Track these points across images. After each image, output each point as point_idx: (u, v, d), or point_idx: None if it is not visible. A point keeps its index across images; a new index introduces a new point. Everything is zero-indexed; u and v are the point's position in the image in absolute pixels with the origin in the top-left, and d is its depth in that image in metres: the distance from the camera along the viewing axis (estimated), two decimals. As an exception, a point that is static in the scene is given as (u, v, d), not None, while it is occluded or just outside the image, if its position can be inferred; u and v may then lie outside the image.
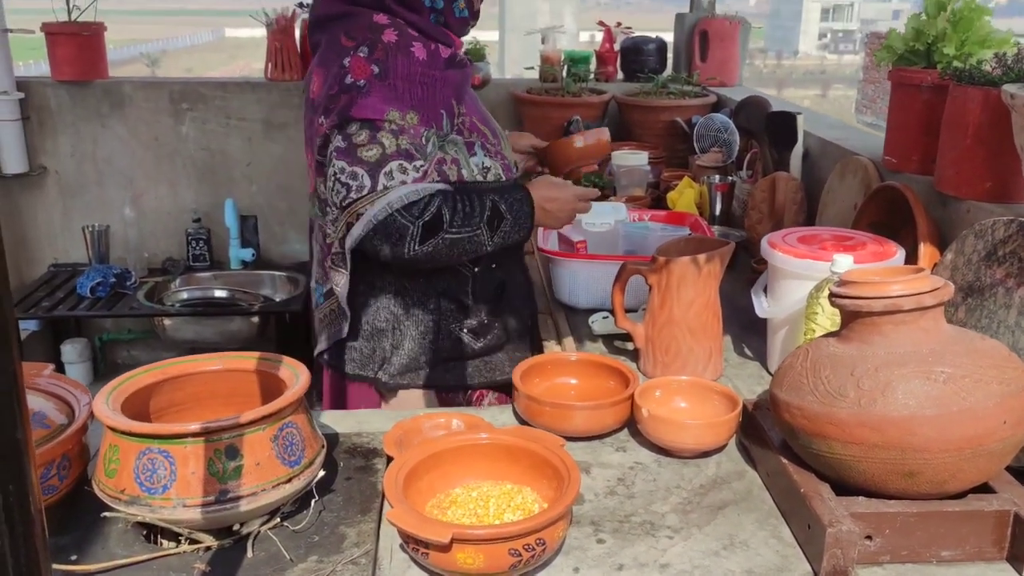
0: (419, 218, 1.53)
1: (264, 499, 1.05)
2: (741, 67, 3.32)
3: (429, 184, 1.55)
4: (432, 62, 1.58)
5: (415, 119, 1.55)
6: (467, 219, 1.57)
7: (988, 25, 1.68)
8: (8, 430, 0.56)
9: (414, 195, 1.53)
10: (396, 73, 1.54)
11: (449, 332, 1.70)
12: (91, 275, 3.18)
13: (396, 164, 1.53)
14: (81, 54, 3.28)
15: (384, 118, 1.52)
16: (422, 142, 1.56)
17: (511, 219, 1.62)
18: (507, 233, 1.62)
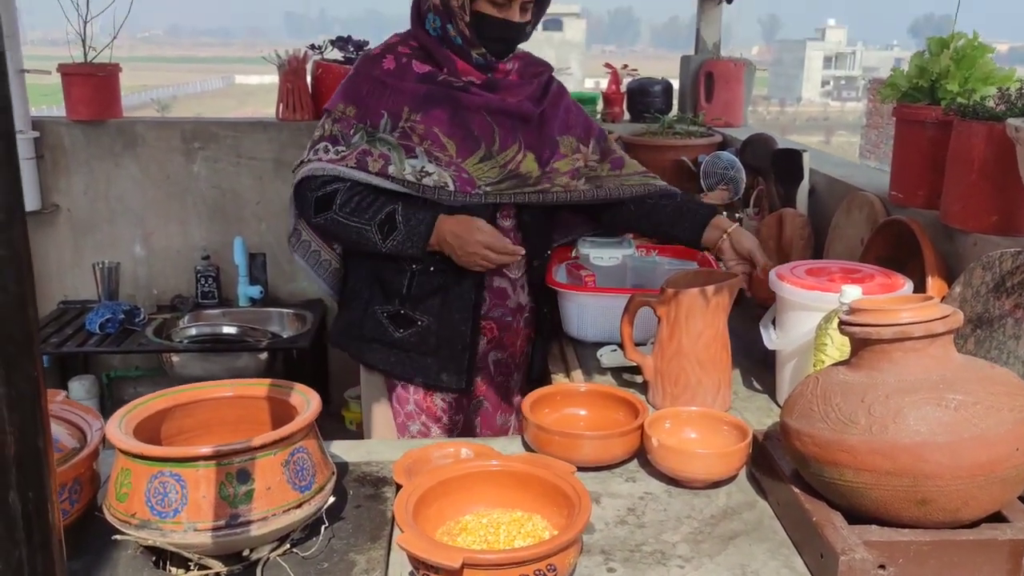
0: (314, 191, 1.80)
1: (275, 524, 1.05)
2: (746, 108, 3.36)
3: (343, 168, 1.77)
4: (397, 73, 1.82)
5: (352, 112, 1.81)
6: (357, 212, 1.78)
7: (990, 63, 1.71)
8: (30, 437, 0.57)
9: (319, 171, 1.79)
10: (359, 75, 1.84)
11: (373, 312, 1.90)
12: (100, 312, 3.20)
13: (323, 144, 1.81)
14: (96, 94, 3.33)
15: (333, 108, 1.83)
16: (350, 132, 1.80)
17: (404, 232, 1.78)
18: (399, 243, 1.79)
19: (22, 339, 0.56)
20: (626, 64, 3.49)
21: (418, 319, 1.88)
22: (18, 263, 0.55)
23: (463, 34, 1.79)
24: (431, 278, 1.85)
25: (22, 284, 0.55)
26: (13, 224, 0.54)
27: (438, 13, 1.80)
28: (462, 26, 1.77)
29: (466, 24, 1.77)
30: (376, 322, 1.90)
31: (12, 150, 0.54)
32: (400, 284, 1.87)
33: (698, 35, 3.49)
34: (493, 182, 1.82)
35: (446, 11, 1.78)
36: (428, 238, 1.78)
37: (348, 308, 1.96)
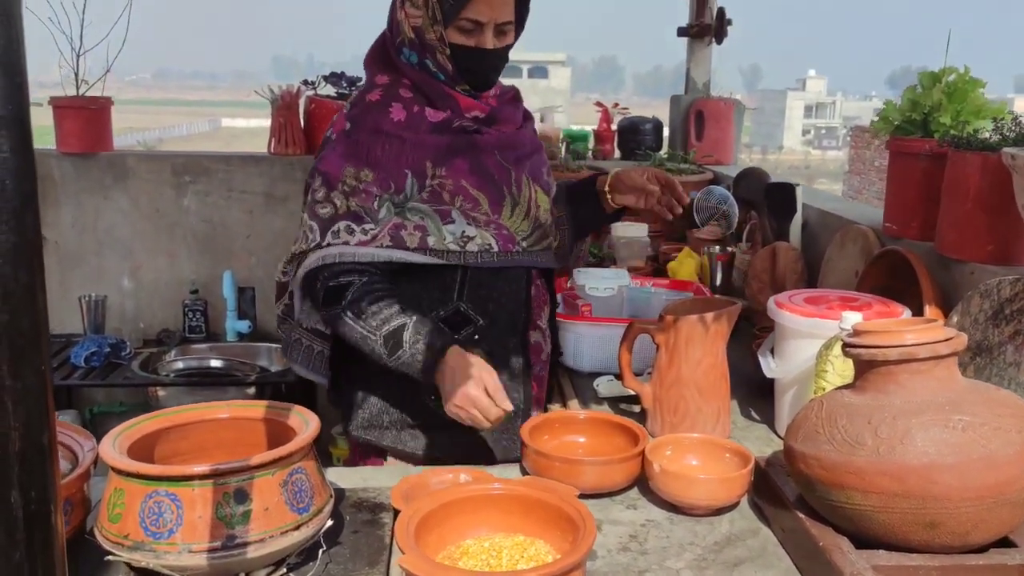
0: (328, 280, 1.52)
1: (272, 546, 1.02)
2: (736, 147, 3.40)
3: (371, 250, 1.52)
4: (410, 124, 1.56)
5: (369, 176, 1.53)
6: (365, 317, 1.50)
7: (981, 97, 1.73)
8: (35, 433, 0.55)
9: (338, 257, 1.52)
10: (363, 128, 1.56)
11: (415, 396, 1.59)
12: (85, 345, 3.15)
13: (344, 224, 1.53)
14: (87, 127, 3.33)
15: (340, 175, 1.54)
16: (373, 206, 1.53)
17: (408, 354, 1.48)
18: (404, 364, 1.49)
19: (31, 331, 0.54)
20: (617, 103, 3.53)
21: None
22: (30, 252, 0.53)
23: (444, 69, 1.57)
24: (476, 347, 1.54)
25: (33, 274, 0.54)
26: (26, 211, 0.53)
27: (413, 48, 1.58)
28: (443, 60, 1.56)
29: (447, 57, 1.56)
30: (420, 406, 1.59)
31: (27, 136, 0.53)
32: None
33: (688, 75, 3.53)
34: (527, 236, 1.64)
35: (421, 45, 1.56)
36: (433, 372, 1.47)
37: (376, 395, 1.66)
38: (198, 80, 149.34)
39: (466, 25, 1.54)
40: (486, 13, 1.52)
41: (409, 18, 1.56)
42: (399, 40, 1.59)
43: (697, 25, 3.43)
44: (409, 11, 1.56)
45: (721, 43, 3.40)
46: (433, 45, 1.56)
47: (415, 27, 1.56)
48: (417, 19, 1.55)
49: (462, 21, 1.53)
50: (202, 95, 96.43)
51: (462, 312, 1.61)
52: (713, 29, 3.36)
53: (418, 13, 1.55)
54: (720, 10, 3.34)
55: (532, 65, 44.34)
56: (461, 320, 1.61)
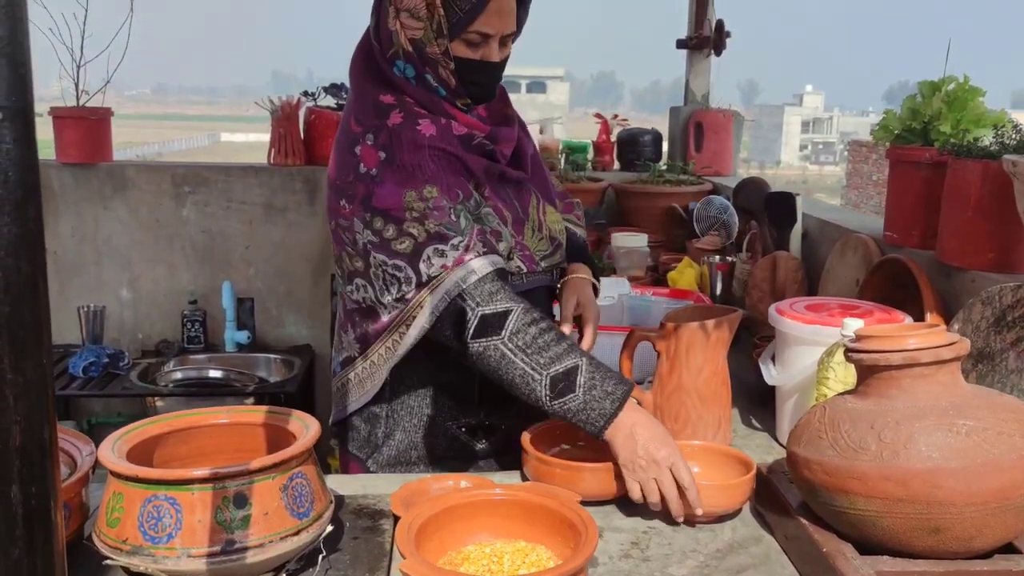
0: (480, 306, 1.39)
1: (272, 551, 1.02)
2: (735, 158, 3.40)
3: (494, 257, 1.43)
4: (443, 137, 1.47)
5: (434, 192, 1.42)
6: (531, 349, 1.36)
7: (981, 105, 1.74)
8: (36, 428, 0.54)
9: (474, 275, 1.40)
10: (402, 153, 1.44)
11: (445, 429, 1.56)
12: (84, 355, 3.15)
13: (431, 249, 1.41)
14: (87, 137, 3.33)
15: (403, 204, 1.41)
16: (452, 218, 1.42)
17: (580, 399, 1.33)
18: (570, 410, 1.34)
19: (32, 324, 0.54)
20: (616, 114, 3.54)
21: (501, 424, 1.58)
22: (32, 243, 0.53)
23: (446, 83, 1.49)
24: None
25: (35, 265, 0.53)
26: (29, 202, 0.52)
27: (410, 61, 1.48)
28: (445, 74, 1.48)
29: (450, 72, 1.48)
30: (451, 439, 1.56)
31: (30, 128, 0.52)
32: (470, 390, 1.56)
33: (687, 86, 3.55)
34: (545, 255, 1.59)
35: (421, 59, 1.47)
36: (611, 420, 1.32)
37: (402, 430, 1.57)
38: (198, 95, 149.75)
39: (474, 38, 1.46)
40: (495, 26, 1.46)
41: (405, 30, 1.46)
42: (391, 52, 1.49)
43: (696, 37, 3.45)
44: (406, 22, 1.45)
45: (720, 55, 3.42)
46: (435, 59, 1.47)
47: (413, 39, 1.46)
48: (416, 31, 1.45)
49: (470, 34, 1.46)
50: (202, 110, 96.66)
51: None
52: (712, 41, 3.38)
53: (417, 25, 1.45)
54: (719, 22, 3.36)
55: (530, 80, 44.55)
56: None
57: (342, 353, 1.63)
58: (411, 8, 1.44)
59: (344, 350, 1.61)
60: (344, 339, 1.61)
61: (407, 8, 1.44)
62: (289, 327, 3.55)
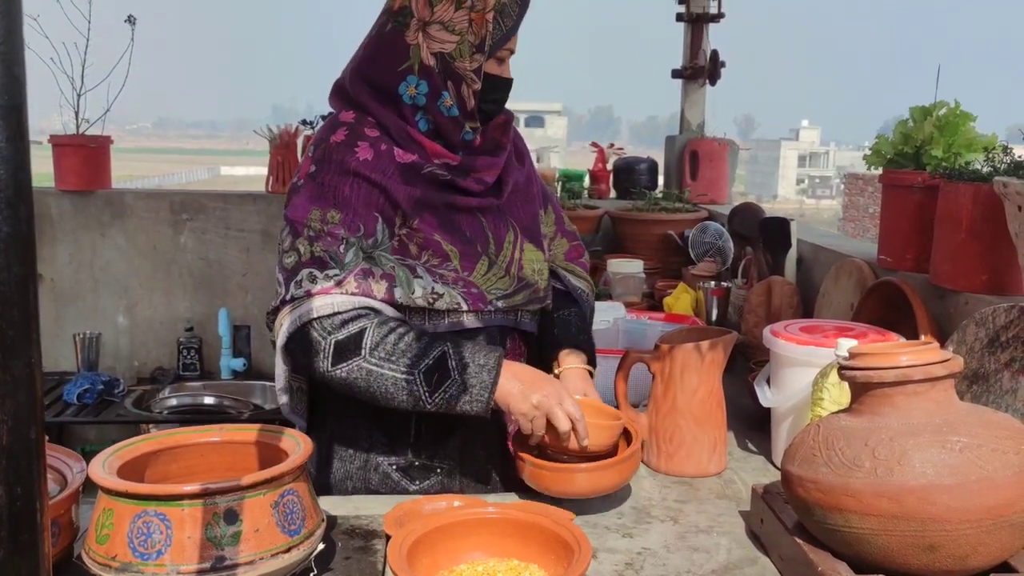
0: (332, 334, 1.34)
1: (262, 568, 1.01)
2: (730, 186, 3.42)
3: (361, 299, 1.36)
4: (378, 164, 1.40)
5: (336, 218, 1.38)
6: (394, 356, 1.33)
7: (972, 130, 1.75)
8: (23, 427, 0.54)
9: (330, 308, 1.35)
10: (328, 169, 1.41)
11: (377, 464, 1.49)
12: (79, 382, 3.14)
13: (306, 272, 1.37)
14: (86, 165, 3.36)
15: (306, 220, 1.38)
16: (339, 250, 1.37)
17: (459, 383, 1.33)
18: (452, 398, 1.33)
19: (22, 323, 0.54)
20: (612, 143, 3.56)
21: (437, 467, 1.50)
22: (24, 242, 0.53)
23: (464, 102, 1.44)
24: (445, 418, 1.40)
25: (26, 265, 0.54)
26: (20, 201, 0.53)
27: (426, 76, 1.41)
28: (467, 92, 1.43)
29: (473, 91, 1.43)
30: (383, 475, 1.49)
31: (23, 126, 0.53)
32: (406, 429, 1.48)
33: (683, 116, 3.58)
34: (504, 294, 1.49)
35: (445, 74, 1.41)
36: (494, 387, 1.33)
37: (339, 458, 1.52)
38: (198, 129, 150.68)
39: (504, 55, 1.46)
40: (515, 42, 1.47)
41: (432, 42, 1.40)
42: (405, 67, 1.42)
43: (691, 67, 3.48)
44: (434, 34, 1.40)
45: (715, 84, 3.45)
46: (462, 75, 1.41)
47: (439, 53, 1.41)
48: (448, 44, 1.40)
49: (504, 51, 1.45)
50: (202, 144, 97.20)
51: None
52: (707, 71, 3.41)
53: (451, 39, 1.40)
54: (713, 52, 3.40)
55: (529, 114, 44.89)
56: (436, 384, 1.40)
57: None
58: (445, 21, 1.40)
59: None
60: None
61: (440, 21, 1.40)
62: (285, 355, 3.54)
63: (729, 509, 1.41)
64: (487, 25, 1.40)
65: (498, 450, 1.54)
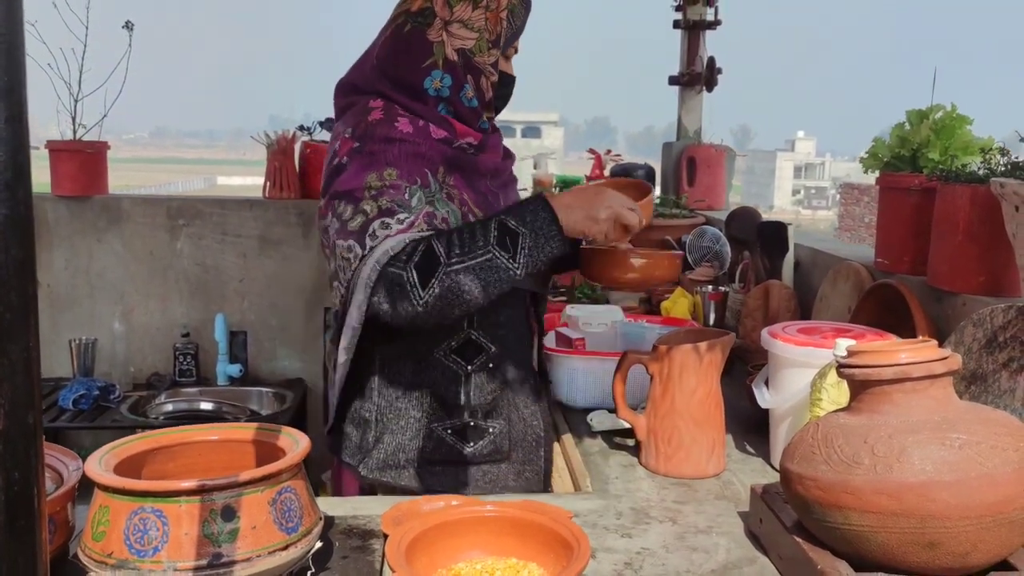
0: (408, 262, 1.40)
1: (259, 566, 1.00)
2: (727, 192, 3.43)
3: (414, 233, 1.43)
4: (418, 135, 1.51)
5: (393, 174, 1.46)
6: (469, 246, 1.40)
7: (969, 133, 1.76)
8: (21, 412, 0.54)
9: (397, 246, 1.41)
10: (373, 141, 1.49)
11: (431, 431, 1.57)
12: (74, 387, 3.12)
13: (378, 223, 1.44)
14: (83, 170, 3.35)
15: (363, 184, 1.46)
16: (405, 197, 1.46)
17: (528, 232, 1.42)
18: (532, 249, 1.42)
19: (20, 307, 0.54)
20: (609, 149, 3.57)
21: (489, 427, 1.59)
22: (23, 226, 0.53)
23: (482, 94, 1.58)
24: (489, 378, 1.56)
25: (25, 249, 0.53)
26: (19, 184, 0.53)
27: (450, 70, 1.54)
28: (486, 84, 1.57)
29: (491, 84, 1.58)
30: (438, 441, 1.56)
31: (22, 108, 0.53)
32: (456, 392, 1.56)
33: (679, 122, 3.59)
34: None
35: (466, 68, 1.54)
36: (556, 221, 1.43)
37: (390, 432, 1.57)
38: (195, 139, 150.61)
39: (511, 53, 1.62)
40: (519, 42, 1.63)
41: (454, 39, 1.53)
42: (428, 63, 1.53)
43: (688, 74, 3.49)
44: (456, 32, 1.53)
45: (711, 91, 3.46)
46: (481, 68, 1.56)
47: (462, 49, 1.54)
48: (468, 41, 1.54)
49: (511, 49, 1.61)
50: (199, 153, 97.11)
51: (474, 340, 1.56)
52: (704, 78, 3.42)
53: (471, 35, 1.54)
54: (710, 59, 3.41)
55: (525, 125, 44.96)
56: (473, 349, 1.56)
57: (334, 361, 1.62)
58: (465, 20, 1.54)
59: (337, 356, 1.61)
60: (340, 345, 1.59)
61: (460, 19, 1.54)
62: (282, 360, 3.54)
63: (728, 510, 1.41)
64: (501, 23, 1.56)
65: (538, 407, 1.66)
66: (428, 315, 1.42)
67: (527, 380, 1.66)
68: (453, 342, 1.55)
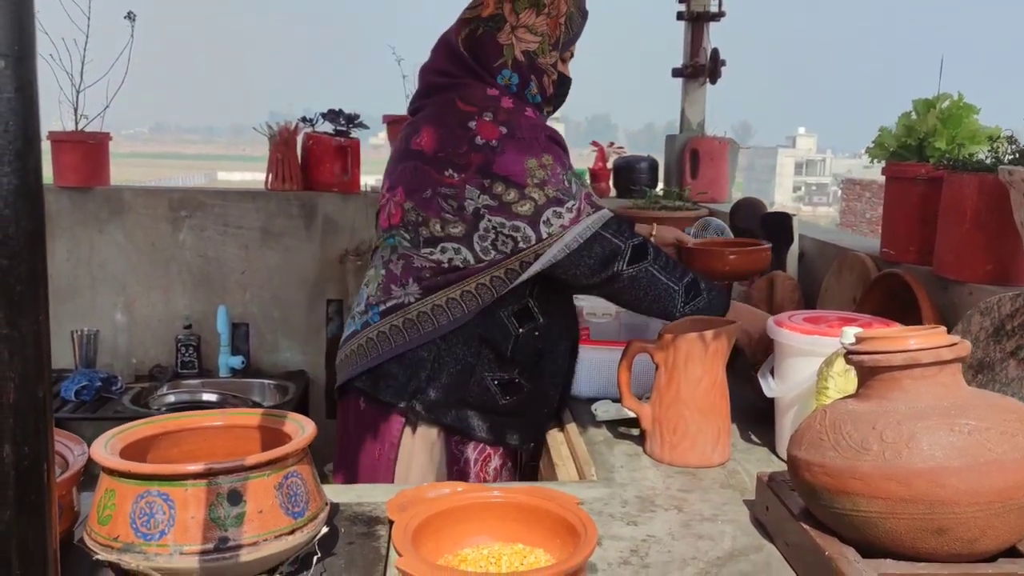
0: (630, 239, 1.66)
1: (266, 550, 1.00)
2: (731, 184, 3.42)
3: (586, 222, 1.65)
4: (540, 122, 1.72)
5: (549, 160, 1.64)
6: (669, 268, 1.68)
7: (976, 122, 1.75)
8: (31, 385, 0.54)
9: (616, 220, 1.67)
10: (521, 128, 1.66)
11: (481, 379, 1.73)
12: (76, 379, 3.12)
13: (551, 211, 1.63)
14: (85, 161, 3.34)
15: (526, 171, 1.63)
16: (565, 184, 1.65)
17: (707, 300, 1.69)
18: (698, 309, 1.68)
19: (30, 279, 0.53)
20: (612, 142, 3.56)
21: (524, 386, 1.77)
22: (33, 197, 0.53)
23: (545, 91, 1.76)
24: (533, 341, 1.75)
25: (35, 220, 0.53)
26: (30, 154, 0.52)
27: (518, 69, 1.72)
28: (547, 83, 1.75)
29: (552, 81, 1.76)
30: (483, 389, 1.74)
31: (32, 77, 0.52)
32: (506, 348, 1.74)
33: (683, 115, 3.58)
34: None
35: (531, 68, 1.73)
36: (726, 308, 1.72)
37: (446, 374, 1.72)
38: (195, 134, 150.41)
39: (567, 56, 1.77)
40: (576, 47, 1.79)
41: (520, 42, 1.71)
42: (499, 63, 1.71)
43: (691, 66, 3.48)
44: (522, 36, 1.71)
45: (715, 83, 3.45)
46: (543, 68, 1.73)
47: (527, 51, 1.71)
48: (533, 44, 1.71)
49: (567, 53, 1.76)
50: (199, 149, 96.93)
51: (528, 308, 1.74)
52: (707, 70, 3.41)
53: (535, 39, 1.71)
54: (714, 51, 3.40)
55: (526, 120, 44.78)
56: (527, 316, 1.74)
57: (387, 303, 1.74)
58: (530, 25, 1.72)
59: (392, 299, 1.74)
60: (395, 291, 1.74)
61: (526, 25, 1.71)
62: (284, 352, 3.53)
63: (733, 498, 1.41)
64: (560, 28, 1.73)
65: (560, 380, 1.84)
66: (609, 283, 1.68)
67: (562, 360, 1.83)
68: (515, 306, 1.73)
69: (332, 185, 3.47)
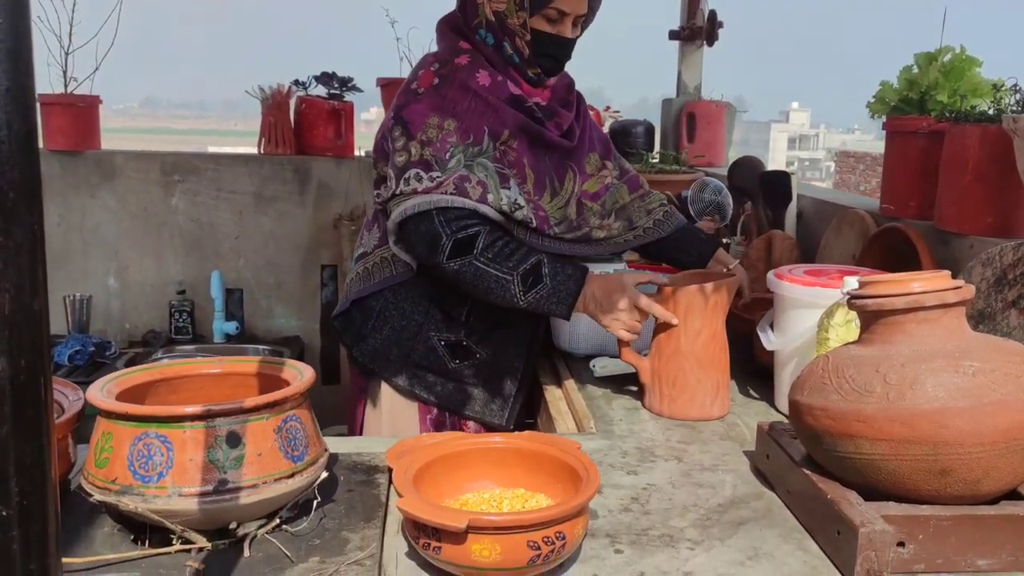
0: (455, 233, 1.58)
1: (265, 493, 0.99)
2: (727, 148, 3.40)
3: (438, 196, 1.58)
4: (493, 90, 1.67)
5: (452, 125, 1.62)
6: (501, 259, 1.57)
7: (978, 75, 1.73)
8: (26, 296, 0.52)
9: (457, 203, 1.57)
10: (451, 85, 1.65)
11: (427, 338, 1.75)
12: (70, 343, 3.11)
13: (413, 172, 1.60)
14: (75, 125, 3.30)
15: (423, 125, 1.61)
16: (445, 157, 1.60)
17: (549, 286, 1.56)
18: (542, 299, 1.57)
19: (24, 185, 0.51)
20: (608, 106, 3.53)
21: (477, 352, 1.76)
22: (24, 97, 0.51)
23: (520, 52, 1.69)
24: (493, 310, 1.67)
25: (27, 122, 0.51)
26: (20, 52, 0.50)
27: (491, 30, 1.69)
28: (521, 44, 1.69)
29: (525, 43, 1.68)
30: (429, 349, 1.75)
31: None
32: (459, 312, 1.74)
33: (679, 78, 3.55)
34: (559, 222, 1.76)
35: (501, 28, 1.68)
36: (576, 296, 1.56)
37: (390, 327, 1.76)
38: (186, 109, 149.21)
39: (552, 15, 1.67)
40: (570, 5, 1.67)
41: (490, 3, 1.68)
42: (476, 22, 1.70)
43: (688, 28, 3.45)
44: None
45: (712, 45, 3.42)
46: (514, 30, 1.67)
47: (496, 11, 1.67)
48: (500, 5, 1.67)
49: (549, 10, 1.67)
50: (191, 123, 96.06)
51: None
52: (704, 31, 3.38)
53: (502, 1, 1.66)
54: (711, 12, 3.36)
55: (519, 94, 44.54)
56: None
57: (359, 249, 1.83)
58: None
59: (362, 246, 1.82)
60: (366, 237, 1.81)
61: None
62: (278, 318, 3.52)
63: (733, 449, 1.40)
64: None
65: (525, 351, 1.81)
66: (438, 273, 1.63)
67: (525, 331, 1.81)
68: None
69: (326, 149, 3.44)
